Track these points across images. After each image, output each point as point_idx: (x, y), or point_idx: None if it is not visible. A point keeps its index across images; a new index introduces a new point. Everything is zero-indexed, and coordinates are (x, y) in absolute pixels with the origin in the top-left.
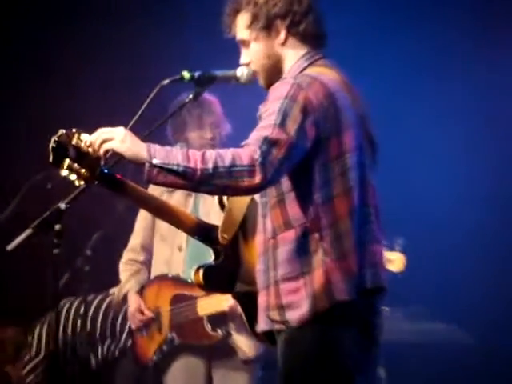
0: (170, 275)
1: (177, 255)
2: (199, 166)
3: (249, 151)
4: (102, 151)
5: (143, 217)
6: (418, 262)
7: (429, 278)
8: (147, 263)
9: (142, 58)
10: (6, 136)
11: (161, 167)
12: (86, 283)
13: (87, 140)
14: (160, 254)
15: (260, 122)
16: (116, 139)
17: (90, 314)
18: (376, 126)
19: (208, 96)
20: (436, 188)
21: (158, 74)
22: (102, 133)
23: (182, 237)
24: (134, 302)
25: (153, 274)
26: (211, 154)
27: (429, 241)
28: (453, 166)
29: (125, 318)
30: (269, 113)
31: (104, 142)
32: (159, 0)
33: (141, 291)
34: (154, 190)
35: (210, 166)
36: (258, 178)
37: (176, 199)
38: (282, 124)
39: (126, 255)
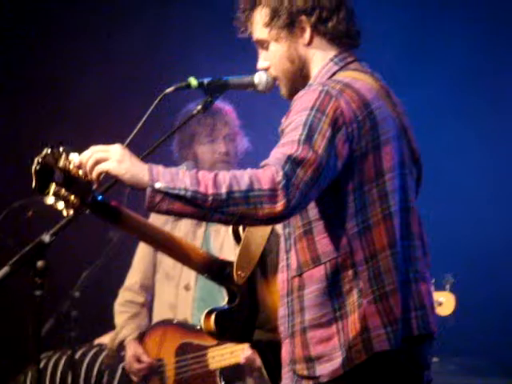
0: (175, 320)
1: (184, 296)
2: (210, 190)
3: (269, 172)
4: (95, 174)
5: (143, 250)
6: (472, 304)
7: (485, 323)
8: (147, 305)
9: (145, 74)
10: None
11: (165, 192)
12: (74, 331)
13: (77, 161)
14: (163, 295)
15: (282, 138)
16: (112, 159)
17: (70, 373)
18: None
19: (222, 105)
20: (489, 216)
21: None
22: (95, 152)
23: (189, 274)
24: (131, 350)
25: (155, 319)
26: (224, 177)
27: (483, 279)
28: (506, 192)
29: (113, 372)
30: (292, 127)
31: (97, 162)
32: (160, 17)
33: (140, 339)
34: (156, 219)
35: (224, 190)
36: (280, 205)
37: (183, 230)
38: (309, 140)
39: (123, 295)
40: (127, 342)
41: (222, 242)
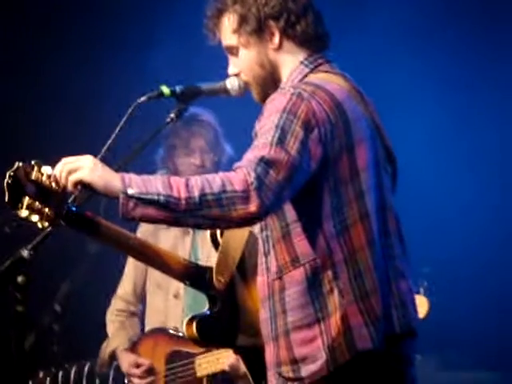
0: (166, 328)
1: (173, 304)
2: (183, 194)
3: (241, 174)
4: (69, 184)
5: (134, 260)
6: (451, 302)
7: (463, 319)
8: (138, 314)
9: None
10: None
11: (138, 198)
12: (57, 346)
13: (50, 173)
14: (154, 304)
15: (254, 141)
16: (84, 168)
17: None
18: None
19: (201, 114)
20: (470, 210)
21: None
22: (67, 163)
23: (178, 283)
24: (124, 359)
25: (147, 327)
26: (197, 180)
27: (463, 273)
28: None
29: (105, 379)
30: (265, 130)
31: (70, 172)
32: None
33: (133, 347)
34: (144, 230)
35: (196, 193)
36: (253, 206)
37: (171, 239)
38: (281, 142)
39: (114, 304)
40: (118, 353)
41: (209, 250)
